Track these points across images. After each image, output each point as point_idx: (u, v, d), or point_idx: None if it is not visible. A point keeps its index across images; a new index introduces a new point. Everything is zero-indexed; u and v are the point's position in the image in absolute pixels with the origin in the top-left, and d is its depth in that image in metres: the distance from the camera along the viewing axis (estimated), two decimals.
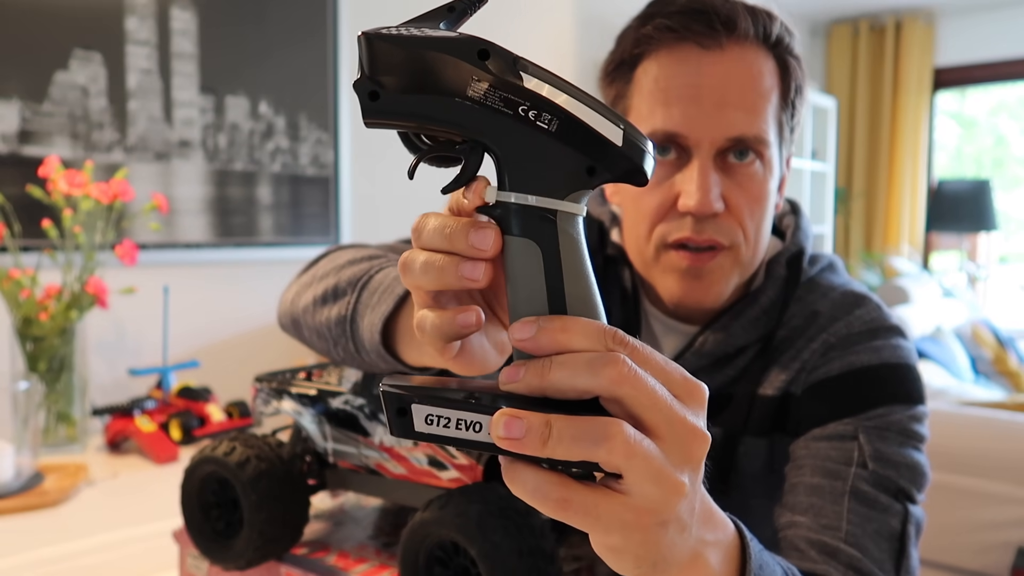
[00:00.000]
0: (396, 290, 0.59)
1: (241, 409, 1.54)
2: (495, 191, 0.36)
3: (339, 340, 0.65)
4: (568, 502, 0.34)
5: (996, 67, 4.15)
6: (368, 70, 0.35)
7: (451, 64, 0.35)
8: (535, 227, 0.36)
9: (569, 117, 0.35)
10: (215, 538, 0.72)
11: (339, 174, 2.09)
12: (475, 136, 0.36)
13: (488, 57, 0.35)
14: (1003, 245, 4.79)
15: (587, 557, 0.73)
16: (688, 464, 0.36)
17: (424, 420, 0.36)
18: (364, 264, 0.68)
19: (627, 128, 0.36)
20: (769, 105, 0.73)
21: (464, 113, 0.35)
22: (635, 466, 0.34)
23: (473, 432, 0.35)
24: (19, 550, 1.02)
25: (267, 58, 1.92)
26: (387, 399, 0.36)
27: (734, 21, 0.71)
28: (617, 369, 0.34)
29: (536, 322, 0.35)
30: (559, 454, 0.33)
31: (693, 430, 0.36)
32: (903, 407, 0.72)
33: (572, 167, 0.36)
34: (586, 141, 0.35)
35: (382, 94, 0.35)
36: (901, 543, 0.65)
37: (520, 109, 0.35)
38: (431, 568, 0.60)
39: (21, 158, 1.53)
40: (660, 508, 0.35)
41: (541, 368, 0.35)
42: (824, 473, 0.68)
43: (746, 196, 0.73)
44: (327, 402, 0.72)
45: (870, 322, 0.77)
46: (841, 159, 4.49)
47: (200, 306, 1.84)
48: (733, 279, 0.76)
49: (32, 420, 1.26)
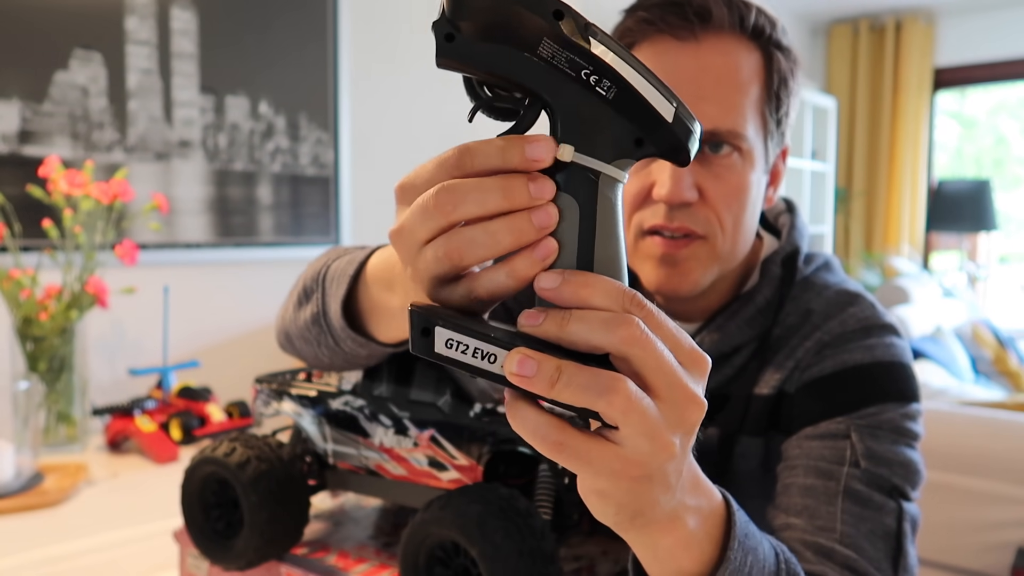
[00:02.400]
0: (348, 271, 0.60)
1: (241, 409, 1.54)
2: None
3: (320, 339, 0.65)
4: (563, 445, 0.36)
5: (996, 67, 4.15)
6: (448, 12, 0.36)
7: (527, 19, 0.36)
8: (577, 185, 0.37)
9: (628, 87, 0.36)
10: (215, 538, 0.72)
11: (339, 174, 2.09)
12: (537, 92, 0.37)
13: (562, 17, 0.36)
14: (1003, 245, 4.79)
15: (587, 557, 0.73)
16: (681, 427, 0.38)
17: (444, 343, 0.37)
18: (323, 258, 0.69)
19: (679, 107, 0.37)
20: (747, 98, 0.72)
21: (530, 68, 0.36)
22: (631, 421, 0.35)
23: (488, 363, 0.36)
24: (19, 550, 1.02)
25: (267, 58, 1.92)
26: (413, 318, 0.37)
27: (708, 11, 0.71)
28: (630, 330, 0.35)
29: (562, 274, 0.36)
30: (564, 398, 0.35)
31: (692, 396, 0.37)
32: (896, 405, 0.72)
33: (621, 135, 0.37)
34: (639, 113, 0.37)
35: (458, 37, 0.36)
36: (897, 541, 0.65)
37: (583, 72, 0.36)
38: (431, 568, 0.60)
39: (21, 158, 1.53)
40: (648, 462, 0.37)
41: (560, 319, 0.36)
42: (817, 473, 0.68)
43: (723, 187, 0.73)
44: (327, 403, 0.72)
45: (863, 320, 0.77)
46: (841, 159, 4.49)
47: (200, 306, 1.84)
48: (710, 270, 0.75)
49: (32, 420, 1.26)
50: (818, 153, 4.14)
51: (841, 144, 4.47)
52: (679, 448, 0.38)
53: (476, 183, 0.36)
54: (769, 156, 0.77)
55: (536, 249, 0.37)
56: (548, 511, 0.63)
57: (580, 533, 0.74)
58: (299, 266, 1.97)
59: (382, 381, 0.69)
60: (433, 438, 0.66)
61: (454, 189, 0.36)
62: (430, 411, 0.66)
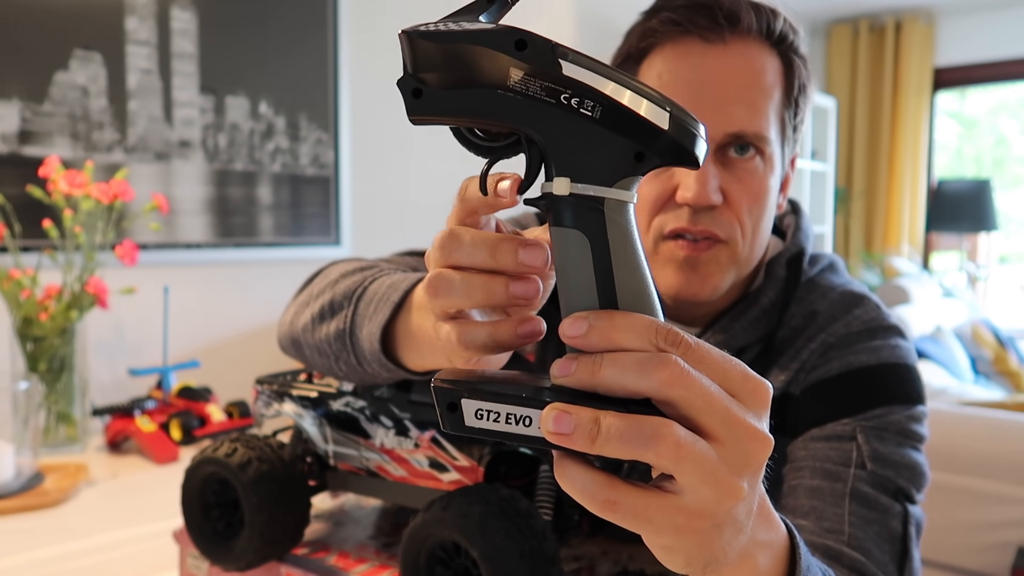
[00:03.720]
0: (392, 297, 0.59)
1: (241, 409, 1.54)
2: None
3: (340, 355, 0.64)
4: (616, 504, 0.33)
5: (996, 67, 4.15)
6: (411, 68, 0.35)
7: (489, 56, 0.34)
8: (582, 217, 0.35)
9: (611, 103, 0.34)
10: (215, 539, 0.72)
11: (339, 174, 2.08)
12: (520, 126, 0.35)
13: (526, 47, 0.34)
14: (1003, 245, 4.79)
15: (587, 557, 0.73)
16: (748, 467, 0.34)
17: (474, 415, 0.35)
18: (357, 276, 0.67)
19: (674, 111, 0.35)
20: (771, 102, 0.73)
21: (507, 104, 0.35)
22: (686, 468, 0.33)
23: (523, 427, 0.35)
24: (19, 550, 1.02)
25: (267, 58, 1.92)
26: (437, 394, 0.36)
27: (737, 16, 0.71)
28: (668, 371, 0.33)
29: (587, 318, 0.34)
30: (607, 452, 0.32)
31: (752, 431, 0.34)
32: (902, 407, 0.72)
33: (619, 153, 0.35)
34: (631, 126, 0.35)
35: (425, 91, 0.35)
36: (903, 544, 0.65)
37: (562, 97, 0.34)
38: (432, 569, 0.60)
39: (21, 158, 1.53)
40: (715, 511, 0.34)
41: (592, 365, 0.34)
42: (824, 475, 0.68)
43: (745, 191, 0.73)
44: (328, 404, 0.72)
45: (869, 322, 0.77)
46: (841, 159, 4.48)
47: (200, 306, 1.84)
48: (729, 274, 0.75)
49: (32, 420, 1.26)
50: (818, 153, 4.14)
51: (841, 144, 4.47)
52: (747, 489, 0.35)
53: (472, 239, 0.38)
54: (784, 162, 0.78)
55: (519, 324, 0.38)
56: (549, 512, 0.63)
57: (581, 534, 0.74)
58: (299, 266, 1.97)
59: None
60: (434, 439, 0.66)
61: (455, 236, 0.39)
62: (431, 412, 0.66)
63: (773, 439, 0.35)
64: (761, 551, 0.40)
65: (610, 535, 0.76)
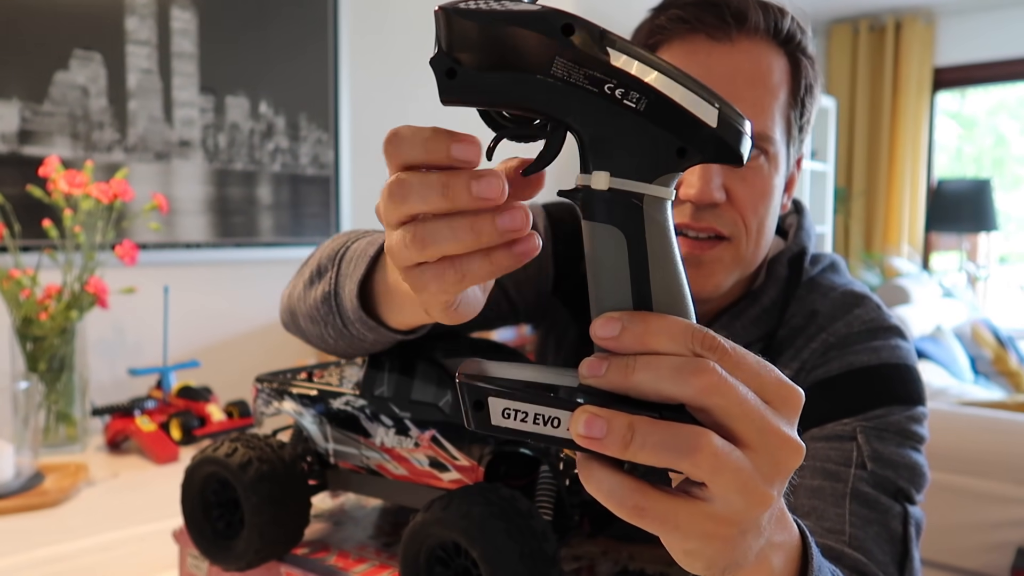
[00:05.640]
0: (369, 252, 0.59)
1: (241, 409, 1.54)
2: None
3: (327, 319, 0.64)
4: (644, 510, 0.33)
5: (996, 67, 4.15)
6: (445, 46, 0.33)
7: (533, 39, 0.32)
8: (619, 213, 0.34)
9: (659, 96, 0.33)
10: (215, 538, 0.72)
11: (339, 174, 2.08)
12: (558, 115, 0.33)
13: (573, 32, 0.32)
14: (1003, 245, 4.79)
15: (587, 557, 0.73)
16: (779, 475, 0.34)
17: (501, 414, 0.34)
18: (342, 238, 0.68)
19: (723, 108, 0.34)
20: (776, 102, 0.73)
21: (546, 91, 0.33)
22: (722, 479, 0.32)
23: (551, 427, 0.33)
24: (19, 550, 1.02)
25: (267, 58, 1.92)
26: (464, 391, 0.34)
27: (745, 14, 0.71)
28: (706, 378, 0.32)
29: (620, 320, 0.33)
30: (641, 459, 0.32)
31: (786, 439, 0.34)
32: (902, 407, 0.71)
33: (661, 148, 0.33)
34: (677, 121, 0.33)
35: (459, 71, 0.33)
36: (904, 545, 0.65)
37: (606, 87, 0.33)
38: (432, 569, 0.60)
39: (21, 158, 1.53)
40: (743, 519, 0.34)
41: (625, 367, 0.33)
42: (824, 475, 0.68)
43: (749, 190, 0.73)
44: (328, 403, 0.72)
45: (869, 322, 0.76)
46: (841, 159, 4.48)
47: (200, 306, 1.84)
48: (732, 273, 0.75)
49: (32, 420, 1.26)
50: (818, 153, 4.14)
51: (841, 144, 4.47)
52: (776, 497, 0.34)
53: (420, 178, 0.35)
54: (790, 162, 0.78)
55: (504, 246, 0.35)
56: (549, 512, 0.63)
57: (581, 534, 0.74)
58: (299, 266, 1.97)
59: (383, 381, 0.69)
60: (434, 438, 0.66)
61: (403, 183, 0.35)
62: (431, 411, 0.66)
63: (804, 446, 0.35)
64: (776, 552, 0.40)
65: (610, 535, 0.76)
